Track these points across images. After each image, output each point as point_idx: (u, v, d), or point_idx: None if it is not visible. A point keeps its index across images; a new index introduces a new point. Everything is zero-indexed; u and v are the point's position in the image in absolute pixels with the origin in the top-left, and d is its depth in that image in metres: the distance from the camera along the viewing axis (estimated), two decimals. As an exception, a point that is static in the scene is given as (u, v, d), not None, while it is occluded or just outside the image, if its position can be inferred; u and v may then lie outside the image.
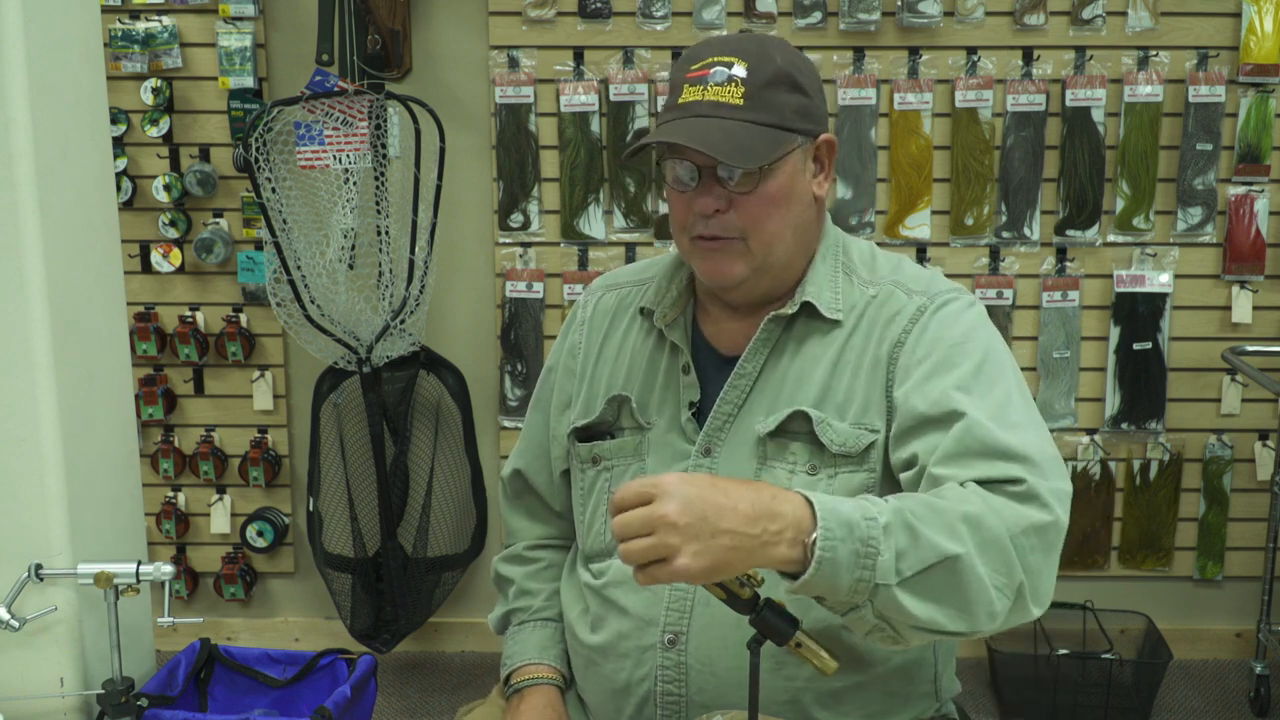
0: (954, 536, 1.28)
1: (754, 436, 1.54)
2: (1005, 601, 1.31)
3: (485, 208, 3.31)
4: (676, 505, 1.22)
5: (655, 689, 1.55)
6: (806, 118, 1.51)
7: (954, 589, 1.28)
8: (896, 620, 1.29)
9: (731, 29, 3.17)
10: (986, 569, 1.29)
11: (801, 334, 1.56)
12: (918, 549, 1.27)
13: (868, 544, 1.25)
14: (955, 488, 1.35)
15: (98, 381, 1.86)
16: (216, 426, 3.40)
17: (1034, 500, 1.34)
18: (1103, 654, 3.07)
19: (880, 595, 1.26)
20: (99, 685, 1.80)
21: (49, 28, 1.71)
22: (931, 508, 1.30)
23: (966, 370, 1.45)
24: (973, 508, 1.31)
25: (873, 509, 1.28)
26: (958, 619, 1.30)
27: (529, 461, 1.79)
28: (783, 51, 1.51)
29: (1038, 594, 1.34)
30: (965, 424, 1.39)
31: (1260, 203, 3.22)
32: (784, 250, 1.53)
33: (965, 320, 1.52)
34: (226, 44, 3.15)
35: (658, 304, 1.64)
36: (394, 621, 3.22)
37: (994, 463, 1.36)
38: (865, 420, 1.51)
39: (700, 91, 1.48)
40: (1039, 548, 1.33)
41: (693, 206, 1.50)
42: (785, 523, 1.25)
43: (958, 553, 1.27)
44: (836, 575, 1.25)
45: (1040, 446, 1.40)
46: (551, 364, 1.77)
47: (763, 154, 1.46)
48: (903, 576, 1.26)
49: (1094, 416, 3.34)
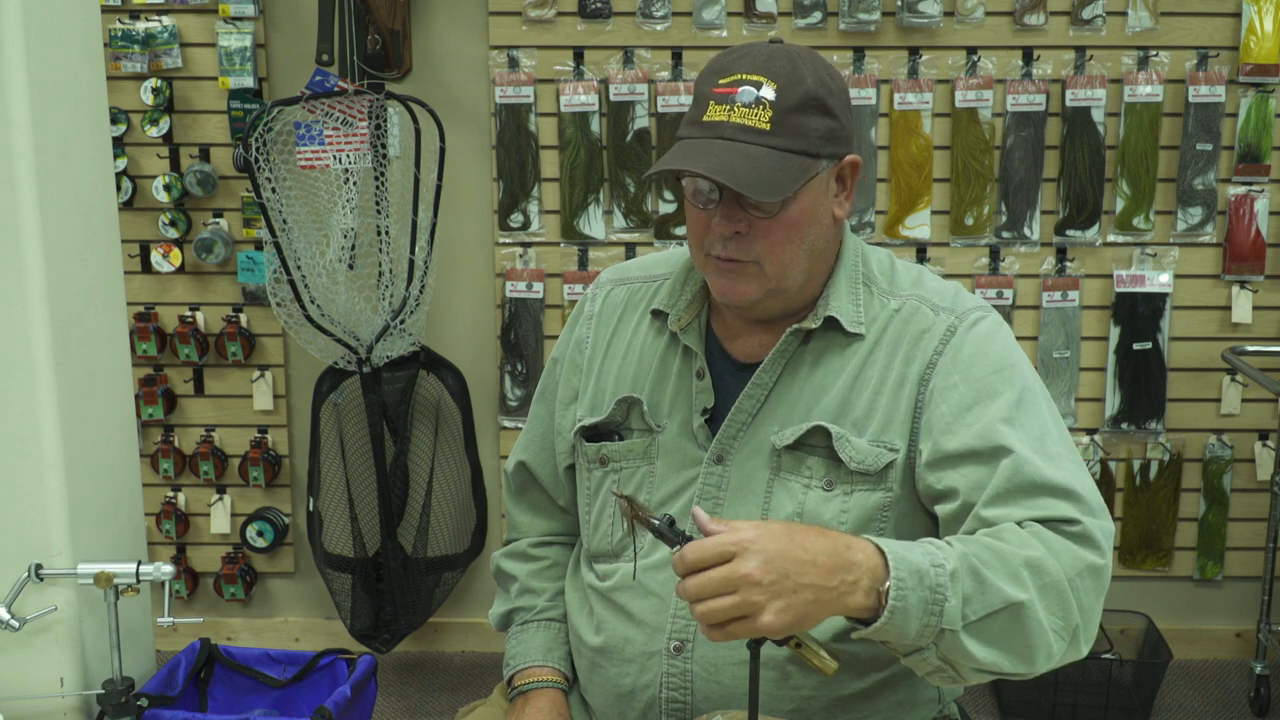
0: (1017, 583, 1.30)
1: (769, 447, 1.53)
2: (1062, 644, 1.34)
3: (485, 208, 3.31)
4: (759, 563, 1.22)
5: (660, 695, 1.55)
6: (833, 141, 1.48)
7: (1016, 634, 1.31)
8: (959, 663, 1.32)
9: (732, 29, 3.17)
10: (1047, 614, 1.32)
11: (820, 346, 1.54)
12: (984, 595, 1.29)
13: (936, 591, 1.27)
14: (1015, 529, 1.36)
15: (98, 381, 1.86)
16: (216, 426, 3.40)
17: (1088, 542, 1.37)
18: (1103, 654, 3.07)
19: (946, 640, 1.29)
20: (99, 685, 1.80)
21: (49, 28, 1.71)
22: (996, 553, 1.32)
23: (1008, 400, 1.45)
24: (1035, 553, 1.33)
25: (940, 555, 1.30)
26: (1018, 662, 1.33)
27: (533, 454, 1.77)
28: (814, 71, 1.47)
29: (1089, 635, 1.37)
30: (1014, 461, 1.40)
31: (1260, 203, 3.22)
32: (800, 274, 1.51)
33: (999, 343, 1.51)
34: (226, 44, 3.15)
35: (671, 306, 1.62)
36: (394, 621, 3.22)
37: (1046, 500, 1.38)
38: (885, 439, 1.49)
39: (727, 112, 1.44)
40: (1093, 590, 1.36)
41: (711, 226, 1.48)
42: (860, 572, 1.27)
43: (1021, 599, 1.30)
44: (907, 622, 1.27)
45: (1083, 480, 1.42)
46: (557, 356, 1.75)
47: (786, 185, 1.43)
48: (968, 621, 1.29)
49: (1094, 416, 3.34)
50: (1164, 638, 3.22)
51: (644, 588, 1.56)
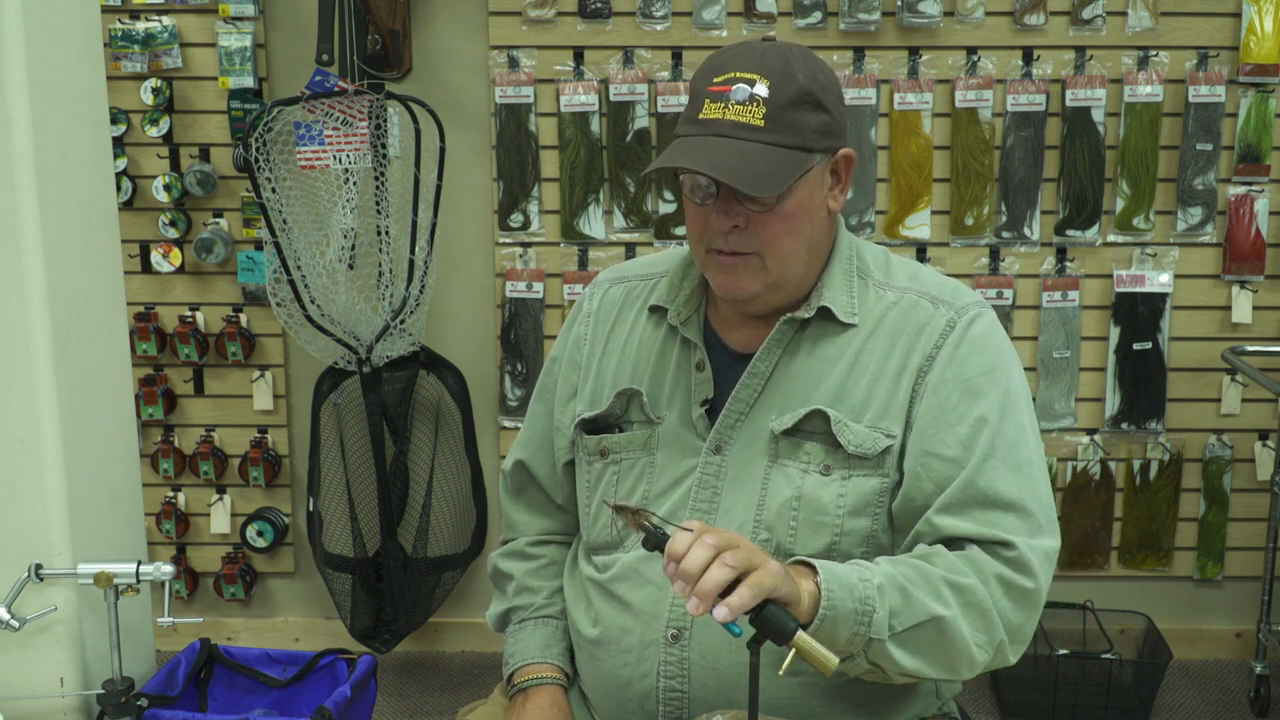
0: (940, 600, 1.41)
1: (766, 434, 1.55)
2: (986, 655, 1.45)
3: (485, 208, 3.31)
4: (729, 534, 1.30)
5: (658, 684, 1.56)
6: (827, 135, 1.51)
7: (939, 645, 1.42)
8: (887, 668, 1.42)
9: (732, 29, 3.17)
10: (970, 629, 1.43)
11: (815, 334, 1.57)
12: (909, 608, 1.39)
13: (865, 603, 1.36)
14: (945, 555, 1.45)
15: (98, 381, 1.86)
16: (216, 426, 3.40)
17: (1020, 566, 1.45)
18: (1103, 654, 3.07)
19: (874, 647, 1.39)
20: (99, 685, 1.80)
21: (49, 28, 1.71)
22: (922, 573, 1.43)
23: (991, 403, 1.51)
24: (960, 578, 1.43)
25: (868, 573, 1.39)
26: (941, 669, 1.44)
27: (531, 453, 1.78)
28: (806, 67, 1.49)
29: (1017, 648, 1.48)
30: (975, 470, 1.48)
31: (1260, 203, 3.22)
32: (799, 265, 1.54)
33: (993, 343, 1.56)
34: (226, 44, 3.15)
35: (670, 301, 1.64)
36: (394, 621, 3.22)
37: (994, 515, 1.47)
38: (883, 425, 1.53)
39: (721, 109, 1.47)
40: (1020, 610, 1.46)
41: (710, 221, 1.51)
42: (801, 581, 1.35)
43: (943, 614, 1.41)
44: (836, 629, 1.35)
45: (1038, 493, 1.50)
46: (556, 355, 1.77)
47: (781, 179, 1.46)
48: (894, 631, 1.39)
49: (1094, 416, 3.34)
50: (1164, 638, 3.22)
51: (642, 576, 1.58)
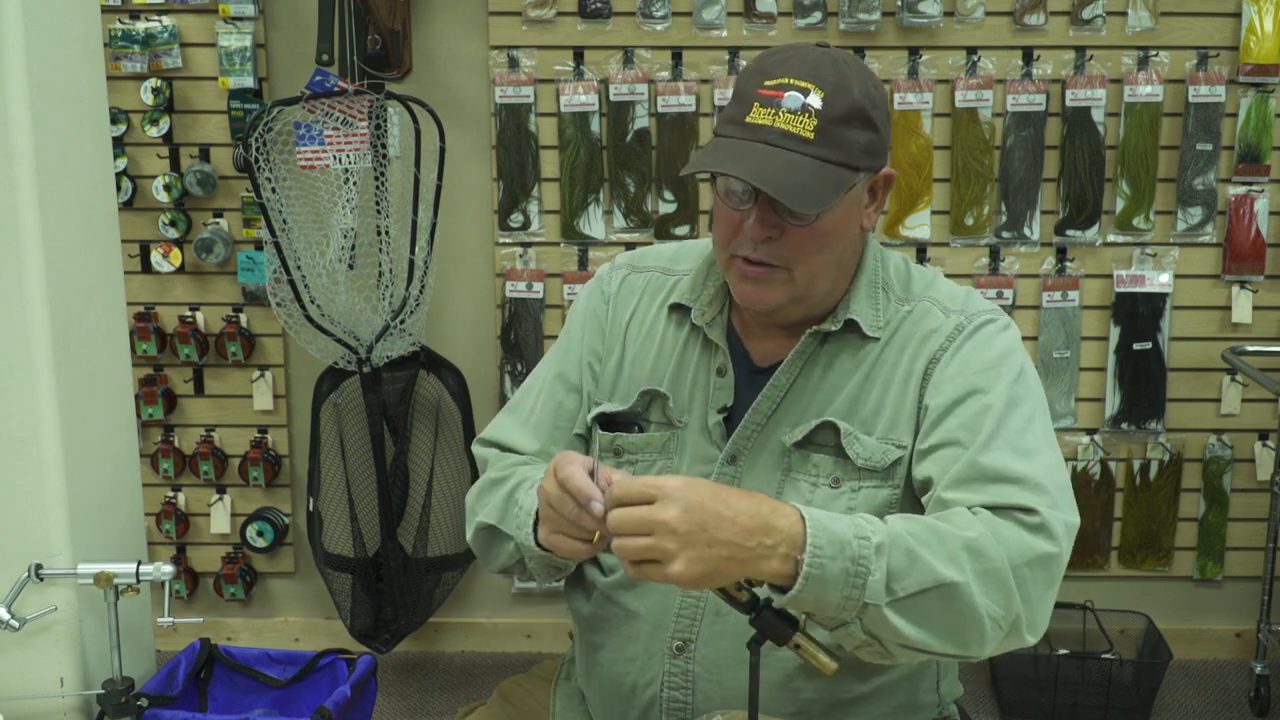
0: (954, 564, 1.30)
1: (780, 448, 1.53)
2: (999, 631, 1.33)
3: (485, 208, 3.31)
4: (677, 511, 1.23)
5: (661, 695, 1.55)
6: (872, 154, 1.47)
7: (948, 615, 1.30)
8: (885, 638, 1.31)
9: (732, 29, 3.17)
10: (984, 598, 1.31)
11: (834, 348, 1.54)
12: (915, 571, 1.28)
13: (858, 563, 1.27)
14: (964, 513, 1.36)
15: (98, 381, 1.85)
16: (216, 426, 3.40)
17: (1043, 531, 1.35)
18: (1103, 654, 3.07)
19: (869, 614, 1.28)
20: (99, 685, 1.80)
21: (49, 28, 1.71)
22: (934, 531, 1.32)
23: (997, 394, 1.45)
24: (976, 534, 1.32)
25: (867, 528, 1.29)
26: (948, 643, 1.32)
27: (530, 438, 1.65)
28: (860, 81, 1.45)
29: (1034, 625, 1.36)
30: (981, 449, 1.40)
31: (1260, 203, 3.22)
32: (826, 281, 1.51)
33: (1001, 342, 1.52)
34: (226, 44, 3.14)
35: (694, 300, 1.61)
36: (394, 621, 3.22)
37: (1006, 488, 1.37)
38: (893, 436, 1.50)
39: (771, 116, 1.42)
40: (1041, 580, 1.35)
41: (742, 228, 1.47)
42: (780, 537, 1.26)
43: (955, 580, 1.29)
44: (824, 592, 1.26)
45: (1053, 475, 1.41)
46: (573, 319, 1.68)
47: (825, 197, 1.42)
48: (895, 596, 1.28)
49: (1094, 416, 3.34)
50: (1164, 638, 3.22)
51: (647, 586, 1.56)
